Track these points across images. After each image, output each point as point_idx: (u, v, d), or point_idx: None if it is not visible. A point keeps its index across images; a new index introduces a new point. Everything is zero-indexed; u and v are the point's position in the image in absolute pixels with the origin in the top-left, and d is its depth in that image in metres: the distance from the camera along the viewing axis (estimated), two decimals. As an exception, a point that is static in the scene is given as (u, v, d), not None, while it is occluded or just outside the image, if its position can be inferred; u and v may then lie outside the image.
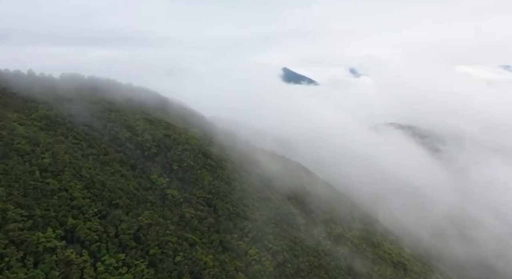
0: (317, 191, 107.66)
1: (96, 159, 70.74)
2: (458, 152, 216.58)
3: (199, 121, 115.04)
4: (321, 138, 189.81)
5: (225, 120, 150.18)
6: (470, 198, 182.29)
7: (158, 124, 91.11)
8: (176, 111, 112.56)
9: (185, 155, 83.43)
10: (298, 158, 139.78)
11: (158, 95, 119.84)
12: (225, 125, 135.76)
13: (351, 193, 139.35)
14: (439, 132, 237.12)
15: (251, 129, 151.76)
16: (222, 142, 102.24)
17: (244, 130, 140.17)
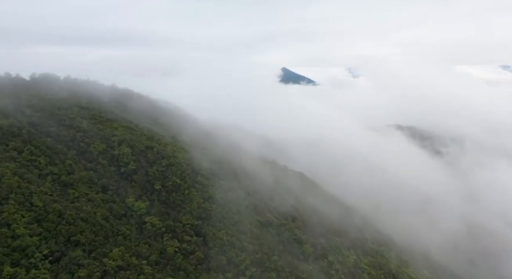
0: (324, 207, 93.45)
1: (56, 180, 56.27)
2: (460, 155, 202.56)
3: (191, 128, 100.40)
4: (320, 142, 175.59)
5: (221, 124, 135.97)
6: (480, 204, 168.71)
7: (140, 134, 76.50)
8: (166, 116, 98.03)
9: (170, 171, 68.91)
10: (297, 164, 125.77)
11: (146, 98, 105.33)
12: (221, 130, 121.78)
13: (355, 201, 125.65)
14: (440, 133, 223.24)
15: (248, 134, 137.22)
16: (216, 152, 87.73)
17: (241, 135, 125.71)
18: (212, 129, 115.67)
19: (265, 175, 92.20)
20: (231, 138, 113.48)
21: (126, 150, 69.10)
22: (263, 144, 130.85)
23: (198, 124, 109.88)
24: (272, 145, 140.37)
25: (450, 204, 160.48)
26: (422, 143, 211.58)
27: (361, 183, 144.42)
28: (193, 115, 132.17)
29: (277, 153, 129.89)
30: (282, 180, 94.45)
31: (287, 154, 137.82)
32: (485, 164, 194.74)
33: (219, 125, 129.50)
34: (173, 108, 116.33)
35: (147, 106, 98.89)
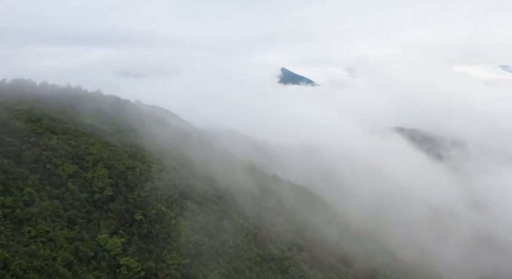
0: (331, 229, 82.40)
1: (9, 214, 44.97)
2: (463, 159, 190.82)
3: (184, 139, 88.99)
4: (319, 147, 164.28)
5: (216, 130, 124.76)
6: (489, 215, 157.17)
7: (121, 151, 65.10)
8: (156, 127, 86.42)
9: (155, 197, 57.60)
10: (296, 171, 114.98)
11: (134, 107, 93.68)
12: (216, 139, 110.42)
13: (360, 213, 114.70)
14: (440, 135, 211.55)
15: (245, 140, 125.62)
16: (210, 169, 76.47)
17: (237, 144, 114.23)
18: (207, 139, 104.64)
19: (266, 193, 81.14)
20: (227, 148, 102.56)
21: (102, 171, 57.75)
22: (260, 152, 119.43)
23: (192, 133, 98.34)
24: (269, 151, 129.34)
25: (458, 214, 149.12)
26: (422, 146, 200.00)
27: (363, 192, 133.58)
28: (188, 121, 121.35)
29: (274, 160, 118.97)
30: (284, 198, 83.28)
31: (285, 161, 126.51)
32: (490, 169, 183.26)
33: (214, 133, 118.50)
34: (166, 115, 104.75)
35: (135, 116, 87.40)
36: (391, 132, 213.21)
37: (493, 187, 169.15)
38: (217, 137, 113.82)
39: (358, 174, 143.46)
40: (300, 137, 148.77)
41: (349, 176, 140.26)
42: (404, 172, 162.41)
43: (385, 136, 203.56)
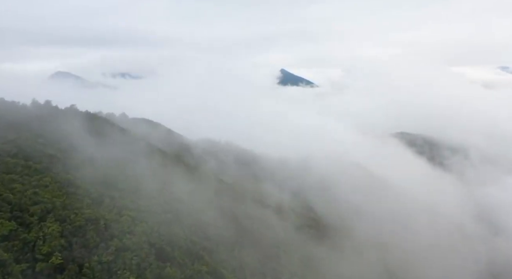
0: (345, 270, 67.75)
1: None
2: (465, 167, 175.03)
3: (172, 167, 73.23)
4: (316, 155, 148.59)
5: (213, 146, 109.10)
6: (500, 231, 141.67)
7: (83, 194, 49.71)
8: (135, 151, 70.03)
9: (122, 262, 42.37)
10: (291, 184, 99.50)
11: (114, 127, 77.43)
12: (213, 155, 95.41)
13: (369, 233, 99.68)
14: (442, 141, 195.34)
15: (238, 153, 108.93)
16: (199, 203, 61.15)
17: (229, 160, 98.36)
18: (200, 159, 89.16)
19: (268, 231, 65.99)
20: (219, 169, 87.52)
21: (52, 227, 42.53)
22: (257, 167, 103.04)
23: (184, 155, 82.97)
24: (267, 163, 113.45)
25: (465, 227, 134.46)
26: (423, 153, 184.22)
27: (366, 205, 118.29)
28: (180, 135, 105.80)
29: (269, 172, 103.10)
30: (288, 238, 68.02)
31: (281, 173, 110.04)
32: (493, 178, 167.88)
33: (209, 148, 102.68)
34: (154, 132, 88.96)
35: (115, 139, 71.06)
36: (391, 138, 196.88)
37: (499, 198, 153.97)
38: (213, 153, 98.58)
39: (357, 185, 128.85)
40: (297, 148, 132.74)
41: (348, 187, 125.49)
42: (407, 182, 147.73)
43: (385, 142, 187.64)
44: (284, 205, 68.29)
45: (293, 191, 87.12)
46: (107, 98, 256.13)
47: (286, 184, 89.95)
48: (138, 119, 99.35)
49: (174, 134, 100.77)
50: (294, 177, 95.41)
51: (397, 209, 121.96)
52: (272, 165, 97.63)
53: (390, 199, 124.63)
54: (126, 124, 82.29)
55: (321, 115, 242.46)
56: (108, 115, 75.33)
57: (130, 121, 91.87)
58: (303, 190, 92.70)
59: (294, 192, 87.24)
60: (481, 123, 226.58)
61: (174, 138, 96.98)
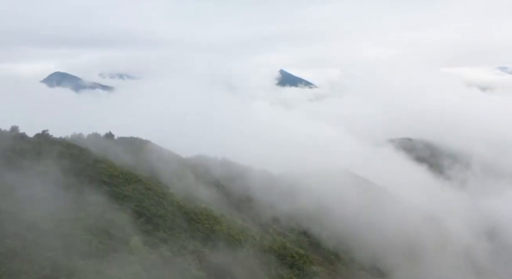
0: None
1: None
2: (467, 175, 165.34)
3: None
4: (312, 169, 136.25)
5: (209, 163, 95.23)
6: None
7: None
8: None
9: None
10: (284, 205, 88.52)
11: (88, 153, 65.86)
12: (210, 173, 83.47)
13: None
14: (443, 149, 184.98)
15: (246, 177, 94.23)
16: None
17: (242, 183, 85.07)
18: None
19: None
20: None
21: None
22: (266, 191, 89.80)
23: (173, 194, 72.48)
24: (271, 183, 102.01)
25: (476, 248, 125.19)
26: (421, 159, 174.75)
27: (368, 225, 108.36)
28: (172, 153, 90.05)
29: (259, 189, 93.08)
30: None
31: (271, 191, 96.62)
32: (499, 190, 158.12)
33: (206, 163, 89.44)
34: (141, 154, 74.76)
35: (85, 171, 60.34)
36: (390, 144, 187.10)
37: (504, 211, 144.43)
38: (210, 173, 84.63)
39: (358, 201, 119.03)
40: (290, 160, 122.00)
41: (349, 205, 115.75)
42: (409, 193, 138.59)
43: (384, 150, 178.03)
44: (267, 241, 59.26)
45: (285, 213, 78.20)
46: (95, 107, 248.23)
47: (277, 204, 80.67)
48: (127, 139, 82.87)
49: (165, 153, 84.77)
50: (286, 195, 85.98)
51: (403, 227, 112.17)
52: (264, 181, 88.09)
53: (394, 215, 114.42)
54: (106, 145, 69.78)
55: (318, 120, 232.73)
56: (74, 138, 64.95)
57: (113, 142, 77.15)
58: (296, 211, 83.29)
59: (286, 214, 78.31)
60: (482, 129, 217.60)
61: (167, 157, 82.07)
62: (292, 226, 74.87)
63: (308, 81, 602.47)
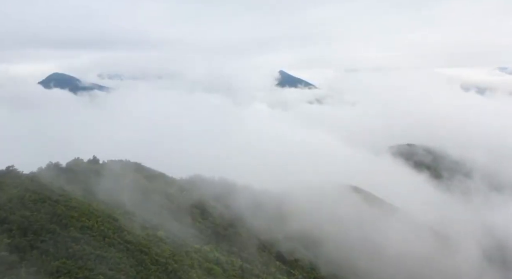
0: None
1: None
2: (468, 185, 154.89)
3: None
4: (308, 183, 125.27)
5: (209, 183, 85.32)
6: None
7: None
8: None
9: None
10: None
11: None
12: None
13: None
14: (445, 156, 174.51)
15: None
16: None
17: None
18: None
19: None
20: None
21: None
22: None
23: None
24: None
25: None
26: (421, 167, 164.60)
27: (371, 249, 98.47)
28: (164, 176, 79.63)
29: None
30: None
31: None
32: (503, 202, 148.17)
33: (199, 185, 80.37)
34: (122, 179, 67.15)
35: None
36: (390, 152, 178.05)
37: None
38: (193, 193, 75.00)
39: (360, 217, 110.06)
40: (284, 174, 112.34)
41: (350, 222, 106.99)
42: (410, 206, 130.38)
43: (384, 157, 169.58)
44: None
45: (276, 237, 70.69)
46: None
47: (268, 227, 73.17)
48: (116, 162, 74.25)
49: (157, 176, 75.86)
50: (278, 216, 78.32)
51: (407, 249, 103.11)
52: (254, 200, 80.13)
53: (397, 234, 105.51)
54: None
55: (317, 124, 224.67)
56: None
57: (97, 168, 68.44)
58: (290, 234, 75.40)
59: (277, 238, 70.78)
60: (483, 134, 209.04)
61: (158, 179, 73.33)
62: (284, 251, 67.55)
63: (308, 82, 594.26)
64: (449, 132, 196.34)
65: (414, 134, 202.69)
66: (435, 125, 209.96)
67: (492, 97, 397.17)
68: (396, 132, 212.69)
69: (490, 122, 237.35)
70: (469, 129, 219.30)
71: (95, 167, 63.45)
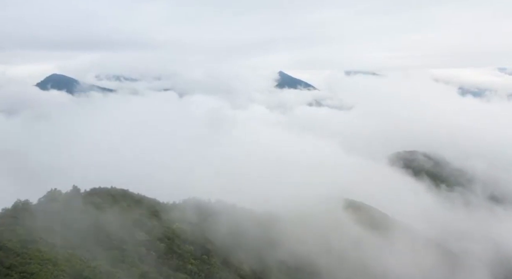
0: None
1: None
2: (470, 195, 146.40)
3: None
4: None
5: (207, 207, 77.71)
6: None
7: None
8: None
9: None
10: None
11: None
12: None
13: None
14: (444, 163, 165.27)
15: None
16: None
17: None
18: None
19: None
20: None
21: None
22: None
23: None
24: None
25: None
26: (421, 176, 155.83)
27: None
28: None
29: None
30: None
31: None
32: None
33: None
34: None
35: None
36: (390, 160, 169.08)
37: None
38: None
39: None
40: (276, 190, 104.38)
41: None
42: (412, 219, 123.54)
43: (384, 166, 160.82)
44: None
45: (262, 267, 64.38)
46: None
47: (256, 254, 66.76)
48: (99, 191, 66.96)
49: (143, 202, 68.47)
50: (270, 240, 72.01)
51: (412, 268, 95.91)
52: (243, 224, 73.25)
53: (401, 253, 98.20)
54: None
55: (313, 129, 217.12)
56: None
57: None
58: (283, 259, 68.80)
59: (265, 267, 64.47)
60: (483, 140, 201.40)
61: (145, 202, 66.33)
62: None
63: (308, 83, 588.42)
64: (450, 138, 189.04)
65: (413, 138, 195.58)
66: (436, 131, 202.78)
67: (493, 100, 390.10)
68: (395, 137, 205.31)
69: (492, 127, 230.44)
70: (469, 134, 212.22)
71: (73, 200, 56.55)
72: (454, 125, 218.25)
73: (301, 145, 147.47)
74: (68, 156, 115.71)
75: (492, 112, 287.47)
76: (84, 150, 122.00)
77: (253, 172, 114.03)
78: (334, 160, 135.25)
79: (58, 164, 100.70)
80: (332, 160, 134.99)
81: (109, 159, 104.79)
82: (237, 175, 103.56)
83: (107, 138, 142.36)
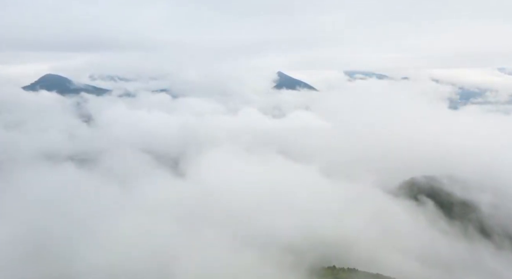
0: None
1: None
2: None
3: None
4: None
5: None
6: None
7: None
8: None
9: None
10: None
11: None
12: None
13: None
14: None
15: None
16: None
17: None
18: None
19: None
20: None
21: None
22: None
23: None
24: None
25: None
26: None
27: None
28: None
29: None
30: None
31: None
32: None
33: None
34: None
35: None
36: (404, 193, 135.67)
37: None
38: None
39: None
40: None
41: None
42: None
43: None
44: None
45: None
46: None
47: None
48: None
49: None
50: None
51: None
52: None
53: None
54: None
55: (304, 137, 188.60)
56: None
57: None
58: None
59: None
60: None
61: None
62: None
63: (307, 83, 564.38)
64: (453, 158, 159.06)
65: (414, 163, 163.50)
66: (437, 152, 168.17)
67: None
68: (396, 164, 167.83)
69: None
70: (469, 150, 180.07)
71: None
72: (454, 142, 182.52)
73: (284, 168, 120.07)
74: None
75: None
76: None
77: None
78: (320, 189, 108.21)
79: None
80: (318, 188, 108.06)
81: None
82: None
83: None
